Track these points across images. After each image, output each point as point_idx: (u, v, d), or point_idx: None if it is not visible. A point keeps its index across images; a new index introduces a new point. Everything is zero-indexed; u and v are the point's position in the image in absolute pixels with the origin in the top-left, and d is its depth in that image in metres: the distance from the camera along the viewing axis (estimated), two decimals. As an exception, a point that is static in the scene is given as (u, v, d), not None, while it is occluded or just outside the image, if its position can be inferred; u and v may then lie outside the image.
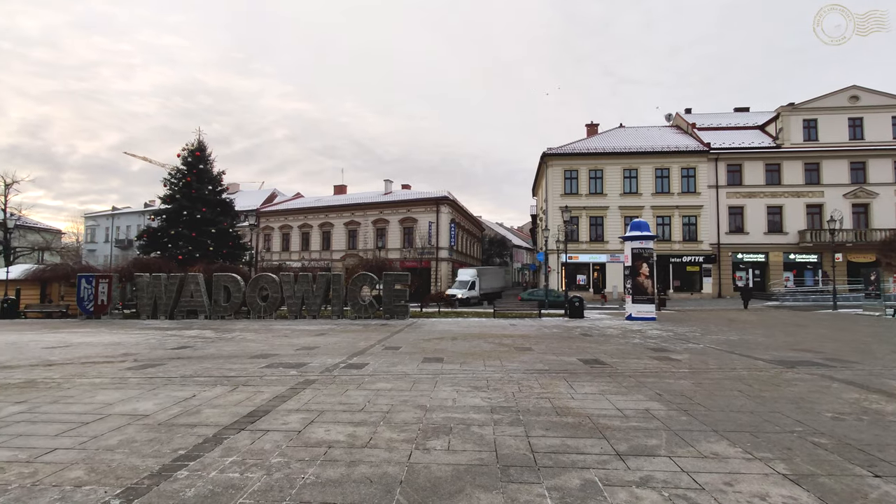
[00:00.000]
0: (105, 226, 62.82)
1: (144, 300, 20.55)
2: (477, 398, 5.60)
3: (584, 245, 35.30)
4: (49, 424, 4.54)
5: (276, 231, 48.35)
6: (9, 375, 7.15)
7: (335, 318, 19.28)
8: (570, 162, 35.97)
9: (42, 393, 5.90)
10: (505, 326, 15.49)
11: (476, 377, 6.89)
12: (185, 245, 27.65)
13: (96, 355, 9.33)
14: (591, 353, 9.52)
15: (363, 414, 4.90)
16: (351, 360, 8.55)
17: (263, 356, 9.03)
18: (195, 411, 5.02)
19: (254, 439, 4.09)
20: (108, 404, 5.31)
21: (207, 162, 30.30)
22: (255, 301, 19.95)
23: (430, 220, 41.48)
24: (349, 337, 12.45)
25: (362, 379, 6.75)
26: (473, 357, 8.86)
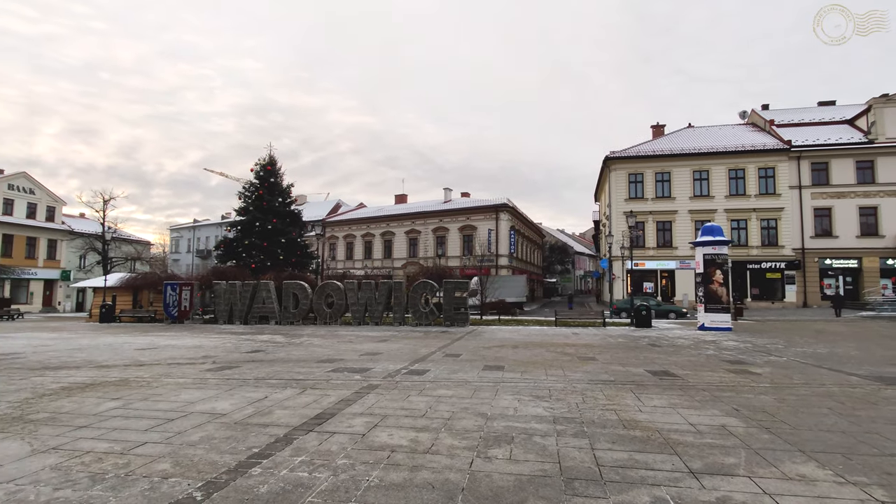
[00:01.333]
0: (187, 237, 67.81)
1: (221, 306, 21.92)
2: (539, 408, 5.50)
3: (651, 251, 33.83)
4: (140, 420, 4.95)
5: (340, 240, 50.10)
6: (107, 374, 7.86)
7: (397, 324, 19.65)
8: (634, 165, 34.71)
9: (134, 391, 6.44)
10: (567, 335, 15.12)
11: (538, 386, 6.77)
12: (257, 254, 29.28)
13: (180, 357, 10.06)
14: (660, 364, 9.08)
15: (425, 420, 4.95)
16: (412, 366, 8.67)
17: (330, 361, 9.36)
18: (267, 412, 5.28)
19: (321, 441, 4.24)
20: (190, 403, 5.71)
21: (278, 175, 31.99)
22: (321, 308, 20.74)
23: (489, 228, 41.41)
24: (410, 343, 12.64)
25: (424, 385, 6.82)
26: (534, 366, 8.72)
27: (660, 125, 39.99)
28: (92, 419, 4.95)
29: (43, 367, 8.57)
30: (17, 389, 6.49)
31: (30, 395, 6.16)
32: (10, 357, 10.05)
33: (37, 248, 43.32)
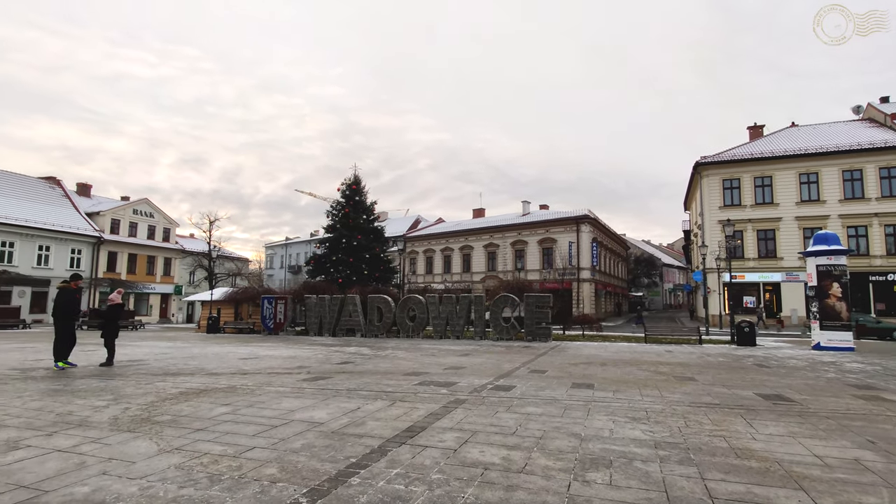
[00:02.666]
0: (280, 254, 72.73)
1: (312, 319, 23.16)
2: (636, 430, 5.18)
3: (752, 262, 31.13)
4: (247, 425, 5.30)
5: (420, 255, 51.23)
6: (216, 381, 8.55)
7: (477, 338, 19.61)
8: (729, 170, 32.30)
9: (241, 398, 6.94)
10: (660, 353, 14.23)
11: (633, 407, 6.41)
12: (343, 269, 30.70)
13: (278, 367, 10.72)
14: (772, 386, 8.25)
15: (515, 438, 4.84)
16: (497, 381, 8.57)
17: (415, 374, 9.51)
18: (361, 423, 5.44)
19: (414, 454, 4.29)
20: (290, 411, 6.04)
21: (362, 194, 33.48)
22: (403, 321, 21.24)
23: (569, 240, 40.36)
24: (493, 358, 12.53)
25: (511, 402, 6.70)
26: (627, 385, 8.27)
27: (758, 126, 37.00)
28: (207, 423, 5.38)
29: (164, 374, 9.50)
30: (144, 393, 7.23)
31: (154, 398, 6.84)
32: (137, 363, 11.26)
33: (155, 265, 48.55)
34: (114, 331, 11.04)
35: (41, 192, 43.21)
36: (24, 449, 4.36)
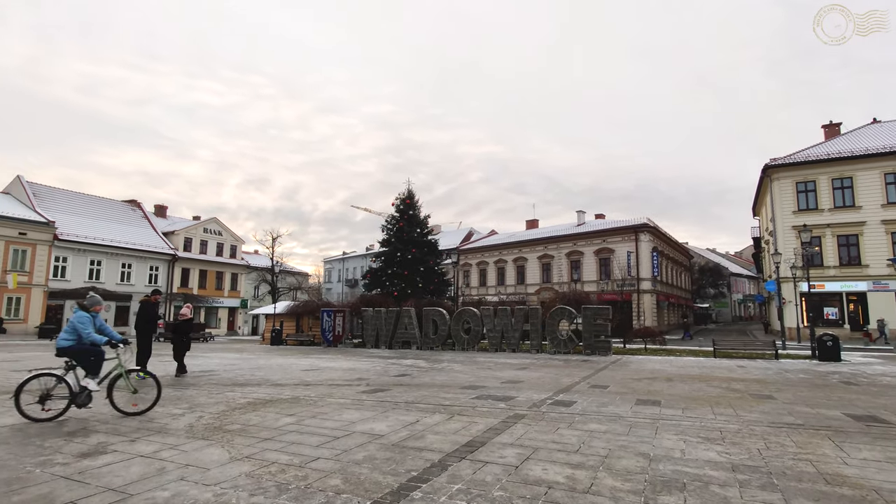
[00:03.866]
0: (337, 268, 74.99)
1: (369, 331, 23.61)
2: (711, 451, 4.87)
3: (832, 270, 28.78)
4: (311, 436, 5.44)
5: (473, 267, 51.18)
6: (280, 392, 8.86)
7: (534, 352, 19.24)
8: (803, 172, 30.18)
9: (304, 408, 7.14)
10: (731, 368, 13.38)
11: (705, 426, 6.03)
12: (399, 282, 31.16)
13: (338, 378, 10.97)
14: (863, 406, 7.53)
15: (579, 456, 4.68)
16: (557, 396, 8.35)
17: (472, 387, 9.44)
18: (420, 436, 5.45)
19: (475, 469, 4.23)
20: (351, 422, 6.15)
21: (415, 208, 33.98)
22: (458, 334, 21.21)
23: (628, 250, 39.01)
24: (551, 372, 12.24)
25: (572, 418, 6.50)
26: (697, 402, 7.82)
27: (834, 124, 34.46)
28: (274, 432, 5.57)
29: (233, 384, 9.97)
30: (216, 402, 7.61)
31: (225, 407, 7.17)
32: (209, 374, 11.88)
33: (223, 280, 51.35)
34: (184, 344, 11.61)
35: (124, 214, 47.03)
36: (112, 454, 4.68)
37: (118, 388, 6.59)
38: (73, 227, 39.39)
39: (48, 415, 6.10)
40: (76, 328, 6.38)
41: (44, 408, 6.08)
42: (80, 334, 6.37)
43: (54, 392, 6.19)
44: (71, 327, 6.43)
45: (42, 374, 6.24)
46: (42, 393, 6.11)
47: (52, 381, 6.20)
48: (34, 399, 6.11)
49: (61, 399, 6.22)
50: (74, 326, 6.39)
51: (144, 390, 6.94)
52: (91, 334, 6.41)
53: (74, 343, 6.38)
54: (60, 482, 3.85)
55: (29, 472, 4.10)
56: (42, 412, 6.07)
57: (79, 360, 6.38)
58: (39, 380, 6.20)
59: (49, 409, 6.10)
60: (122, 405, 6.55)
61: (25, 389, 6.08)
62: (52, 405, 6.13)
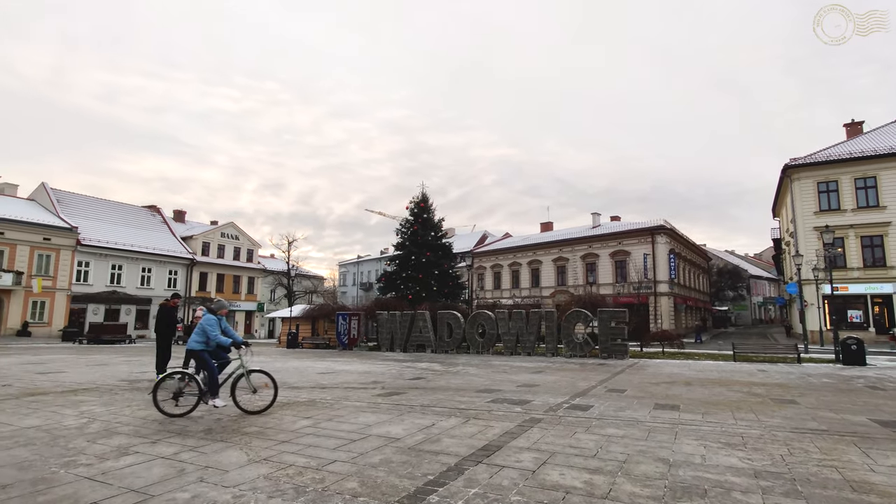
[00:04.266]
0: (352, 271, 75.42)
1: (384, 335, 23.68)
2: (732, 457, 4.78)
3: (856, 272, 28.09)
4: (328, 439, 5.47)
5: (487, 270, 51.06)
6: (297, 395, 8.93)
7: (549, 355, 19.11)
8: (825, 171, 29.54)
9: (320, 411, 7.19)
10: (752, 372, 13.13)
11: (726, 432, 5.93)
12: (413, 286, 31.22)
13: (354, 382, 11.02)
14: (889, 411, 7.33)
15: (597, 461, 4.63)
16: (573, 400, 8.27)
17: (487, 391, 9.41)
18: (436, 439, 5.44)
19: (491, 474, 4.21)
20: (367, 426, 6.16)
21: (430, 211, 34.04)
22: (473, 337, 21.17)
23: (644, 252, 38.58)
24: (567, 376, 12.14)
25: (589, 422, 6.43)
26: (717, 407, 7.68)
27: (856, 123, 33.71)
28: (290, 435, 5.61)
29: (250, 386, 10.06)
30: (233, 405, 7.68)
31: (243, 410, 7.24)
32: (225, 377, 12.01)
33: (240, 284, 51.99)
34: None
35: (144, 219, 47.93)
36: (133, 455, 4.76)
37: (240, 387, 6.99)
38: (96, 233, 40.27)
39: (180, 410, 6.59)
40: (206, 331, 6.80)
41: (177, 404, 6.61)
42: (208, 336, 6.81)
43: (185, 389, 6.70)
44: (200, 329, 6.85)
45: (175, 373, 6.85)
46: (175, 390, 6.67)
47: (182, 380, 6.76)
48: (169, 395, 6.64)
49: (191, 396, 6.72)
50: (204, 328, 6.82)
51: (262, 392, 7.28)
52: (218, 336, 6.83)
53: (201, 345, 6.82)
54: (84, 483, 3.93)
55: (54, 472, 4.19)
56: (175, 408, 6.59)
57: (201, 361, 6.86)
58: (173, 378, 6.81)
59: (182, 405, 6.62)
60: (244, 404, 6.93)
61: (161, 387, 6.65)
62: (185, 402, 6.66)
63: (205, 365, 6.86)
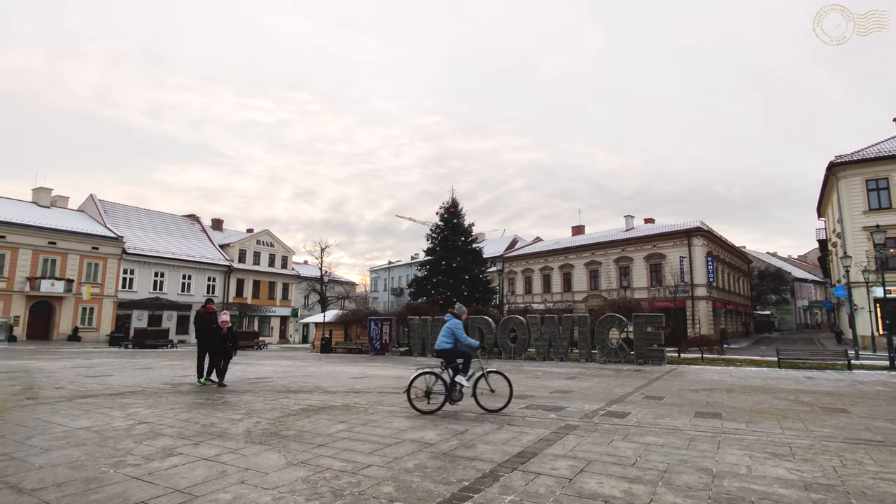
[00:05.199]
0: (383, 277, 76.14)
1: (415, 339, 23.80)
2: (780, 468, 4.58)
3: (911, 274, 26.53)
4: (363, 443, 5.52)
5: (518, 275, 50.68)
6: (332, 399, 9.06)
7: (583, 361, 18.80)
8: (874, 168, 28.12)
9: (355, 416, 7.27)
10: (798, 379, 12.57)
11: (772, 441, 5.68)
12: (444, 291, 31.30)
13: (387, 386, 11.10)
14: (953, 423, 6.87)
15: (636, 470, 4.51)
16: (609, 407, 8.10)
17: (521, 397, 9.31)
18: (470, 445, 5.42)
19: (527, 481, 4.16)
20: (401, 430, 6.19)
21: (460, 217, 34.11)
22: (505, 342, 21.03)
23: (680, 255, 37.54)
24: (602, 382, 11.91)
25: (627, 430, 6.28)
26: (762, 416, 7.38)
27: (908, 116, 31.91)
28: (326, 439, 5.69)
29: (286, 391, 10.28)
30: (272, 409, 7.86)
31: (280, 413, 7.40)
32: (263, 381, 12.31)
33: (275, 290, 53.23)
34: (225, 352, 11.01)
35: (184, 228, 49.74)
36: (177, 456, 4.92)
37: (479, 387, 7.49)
38: (140, 242, 42.03)
39: (431, 407, 7.15)
40: (454, 333, 7.34)
41: (429, 402, 7.18)
42: (457, 338, 7.34)
43: (434, 388, 7.23)
44: (449, 332, 7.37)
45: (425, 373, 7.41)
46: (426, 389, 7.22)
47: (432, 379, 7.29)
48: (421, 394, 7.20)
49: (439, 394, 7.20)
50: (453, 331, 7.35)
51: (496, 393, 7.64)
52: (467, 338, 7.42)
53: (452, 346, 7.36)
54: (133, 482, 4.08)
55: (104, 472, 4.37)
56: (427, 405, 7.16)
57: (450, 360, 7.31)
58: (424, 377, 7.33)
59: (432, 402, 7.17)
60: (484, 402, 7.41)
61: (414, 385, 7.24)
62: (434, 400, 7.19)
63: (454, 361, 7.32)
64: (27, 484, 4.02)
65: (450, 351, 7.33)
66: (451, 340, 7.35)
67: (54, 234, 36.15)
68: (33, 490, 3.88)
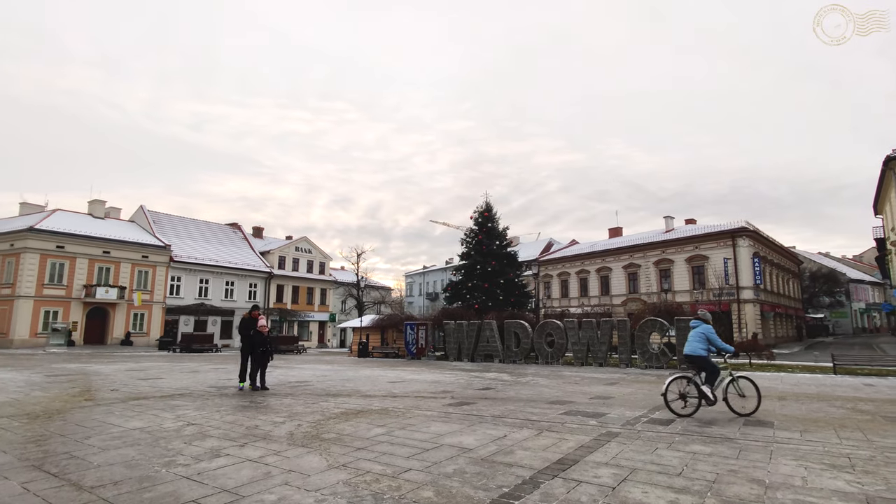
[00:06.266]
0: (418, 282, 76.66)
1: (451, 344, 23.80)
2: (839, 480, 4.33)
3: (982, 274, 24.70)
4: (402, 447, 5.55)
5: (554, 278, 50.03)
6: (370, 403, 9.17)
7: (623, 366, 18.35)
8: (936, 162, 26.38)
9: (393, 419, 7.33)
10: (856, 387, 11.87)
11: (829, 452, 5.39)
12: (479, 295, 31.21)
13: (423, 391, 11.15)
14: None
15: (682, 479, 4.36)
16: (652, 414, 7.87)
17: (560, 402, 9.17)
18: (509, 451, 5.37)
19: (569, 488, 4.09)
20: (439, 435, 6.20)
21: (494, 220, 33.99)
22: (541, 347, 20.76)
23: (724, 257, 36.19)
24: (644, 388, 11.58)
25: (672, 438, 6.08)
26: (817, 424, 7.01)
27: (974, 104, 29.81)
28: (366, 442, 5.76)
29: (326, 394, 10.47)
30: (312, 412, 8.02)
31: (320, 417, 7.54)
32: (303, 384, 12.58)
33: (313, 295, 54.41)
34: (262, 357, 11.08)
35: (227, 236, 51.55)
36: (224, 457, 5.09)
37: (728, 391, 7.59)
38: (186, 250, 43.83)
39: (688, 411, 7.36)
40: (709, 338, 7.54)
41: (685, 405, 7.39)
42: (713, 343, 7.49)
43: (688, 392, 7.41)
44: (702, 337, 7.56)
45: (678, 377, 7.62)
46: (681, 392, 7.43)
47: (683, 383, 7.51)
48: (676, 397, 7.43)
49: (693, 398, 7.36)
50: (708, 337, 7.54)
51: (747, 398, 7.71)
52: (723, 344, 7.54)
53: (704, 351, 7.48)
54: (183, 482, 4.24)
55: (157, 471, 4.56)
56: (683, 409, 7.39)
57: (701, 366, 7.51)
58: (678, 382, 7.54)
59: (688, 406, 7.37)
60: (735, 406, 7.53)
61: (669, 390, 7.41)
62: (691, 403, 7.37)
63: (706, 366, 7.42)
64: (87, 481, 4.25)
65: (703, 357, 7.44)
66: (706, 346, 7.47)
67: (108, 244, 38.15)
68: (93, 487, 4.09)
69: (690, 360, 7.60)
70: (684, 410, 7.37)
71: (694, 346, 7.49)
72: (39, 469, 4.62)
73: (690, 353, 7.55)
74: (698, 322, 7.74)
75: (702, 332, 7.52)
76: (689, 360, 7.63)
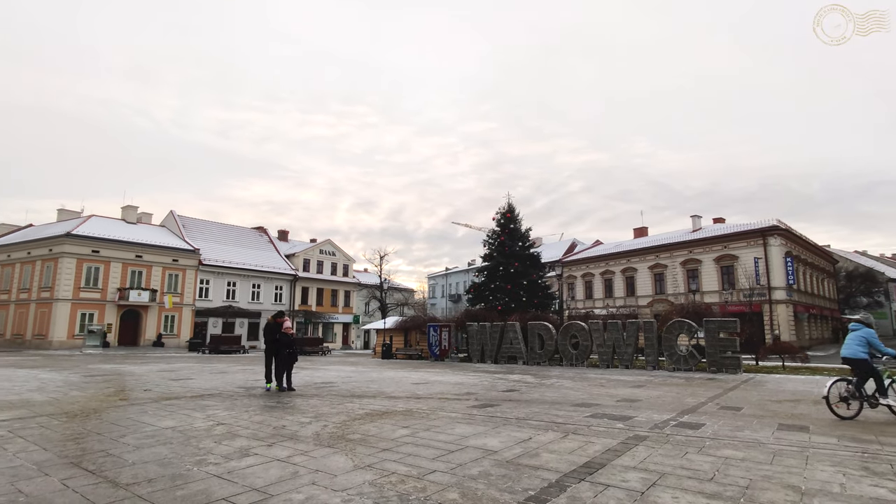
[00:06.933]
0: (441, 283, 76.74)
1: (474, 346, 23.76)
2: (880, 487, 4.16)
3: None
4: (426, 448, 5.56)
5: (578, 279, 49.46)
6: (395, 404, 9.21)
7: (650, 368, 18.02)
8: (982, 155, 25.11)
9: (417, 421, 7.35)
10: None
11: (871, 457, 5.18)
12: (502, 297, 31.08)
13: (447, 392, 11.15)
14: None
15: (714, 485, 4.25)
16: (681, 417, 7.70)
17: (585, 405, 9.06)
18: (534, 454, 5.33)
19: (596, 492, 4.03)
20: (464, 437, 6.19)
21: (516, 221, 33.82)
22: (566, 348, 20.55)
23: (755, 256, 35.21)
24: (672, 391, 11.35)
25: (702, 442, 5.94)
26: (856, 429, 6.74)
27: None
28: (391, 443, 5.79)
29: (351, 395, 10.57)
30: (338, 413, 8.11)
31: (346, 417, 7.62)
32: (329, 386, 12.73)
33: (338, 298, 55.01)
34: (288, 358, 11.21)
35: (253, 239, 52.58)
36: (253, 456, 5.18)
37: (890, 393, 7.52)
38: (214, 253, 44.87)
39: (850, 413, 7.45)
40: (871, 342, 7.60)
41: (848, 407, 7.46)
42: (875, 348, 7.49)
43: (850, 394, 7.46)
44: (863, 341, 7.52)
45: (839, 380, 7.70)
46: (841, 395, 7.52)
47: (843, 385, 7.60)
48: (838, 399, 7.52)
49: (854, 400, 7.43)
50: (868, 341, 7.60)
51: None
52: (886, 348, 7.45)
53: (866, 355, 7.48)
54: (214, 480, 4.34)
55: (188, 469, 4.67)
56: (846, 411, 7.46)
57: (862, 369, 7.47)
58: (837, 384, 7.63)
59: (851, 408, 7.45)
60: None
61: (831, 392, 7.50)
62: (854, 405, 7.45)
63: (868, 370, 7.42)
64: (122, 479, 4.38)
65: (865, 361, 7.41)
66: (867, 350, 7.44)
67: (140, 248, 39.36)
68: (128, 485, 4.21)
69: (850, 363, 7.60)
70: (847, 412, 7.41)
71: (854, 349, 7.47)
72: (78, 466, 4.79)
73: (851, 357, 7.51)
74: (859, 325, 7.66)
75: (863, 335, 7.49)
76: (849, 363, 7.62)
